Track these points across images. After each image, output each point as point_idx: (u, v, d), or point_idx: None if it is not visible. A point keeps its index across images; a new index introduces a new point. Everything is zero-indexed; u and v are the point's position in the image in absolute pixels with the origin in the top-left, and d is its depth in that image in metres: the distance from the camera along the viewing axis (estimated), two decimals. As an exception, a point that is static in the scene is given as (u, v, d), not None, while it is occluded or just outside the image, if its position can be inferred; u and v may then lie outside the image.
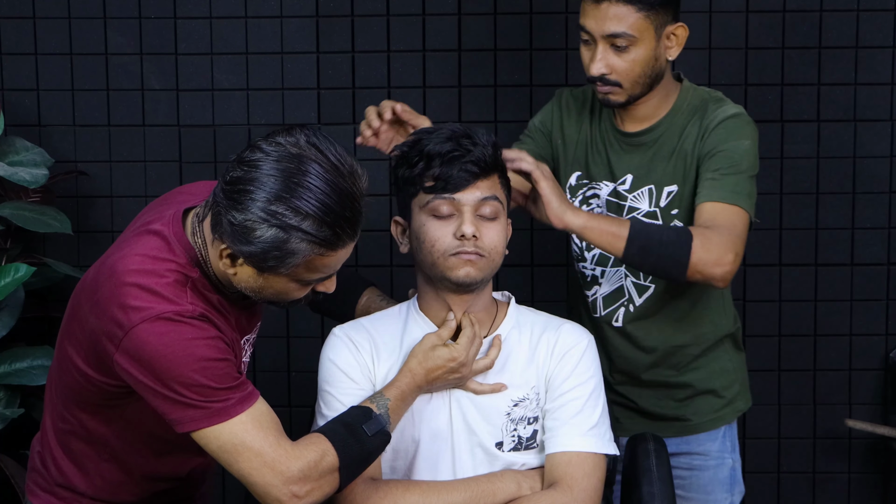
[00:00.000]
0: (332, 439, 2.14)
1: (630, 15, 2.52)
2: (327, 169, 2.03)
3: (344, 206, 2.03)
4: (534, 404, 2.32)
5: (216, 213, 2.08)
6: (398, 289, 3.45)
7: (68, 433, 2.27)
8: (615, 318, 2.74)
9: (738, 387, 2.80)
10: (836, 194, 3.49)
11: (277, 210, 2.00)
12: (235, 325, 2.22)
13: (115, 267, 2.12)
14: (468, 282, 2.27)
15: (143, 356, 2.06)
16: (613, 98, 2.60)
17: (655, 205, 2.65)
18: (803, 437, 3.57)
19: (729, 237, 2.47)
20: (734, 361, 2.79)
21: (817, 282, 3.52)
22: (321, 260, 2.07)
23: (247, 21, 3.47)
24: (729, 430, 2.79)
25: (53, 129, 3.51)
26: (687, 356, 2.74)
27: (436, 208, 2.27)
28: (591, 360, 2.35)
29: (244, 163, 2.05)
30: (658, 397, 2.77)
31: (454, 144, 2.26)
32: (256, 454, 2.08)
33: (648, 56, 2.56)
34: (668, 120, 2.66)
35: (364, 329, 2.37)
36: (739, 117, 2.60)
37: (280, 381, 3.56)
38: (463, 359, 2.27)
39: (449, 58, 3.48)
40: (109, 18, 3.47)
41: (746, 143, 2.57)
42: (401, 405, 2.25)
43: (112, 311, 2.08)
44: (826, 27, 3.44)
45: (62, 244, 3.51)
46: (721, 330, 2.76)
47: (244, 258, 2.07)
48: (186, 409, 2.08)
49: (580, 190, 2.73)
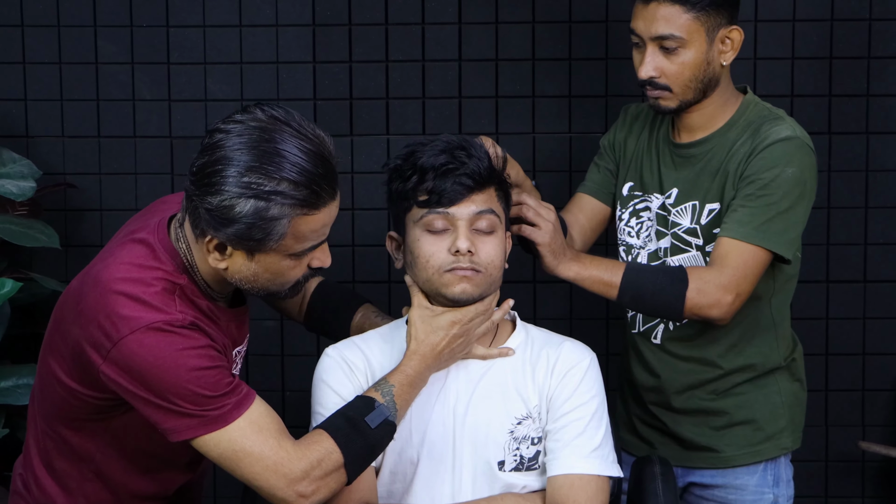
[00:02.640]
0: (335, 435, 2.14)
1: (679, 16, 2.51)
2: (293, 134, 2.07)
3: (317, 165, 2.07)
4: (536, 423, 2.31)
5: (192, 208, 2.10)
6: (395, 305, 3.34)
7: (52, 451, 2.26)
8: (654, 334, 2.72)
9: (786, 422, 2.73)
10: (848, 209, 3.48)
11: (251, 180, 2.03)
12: (226, 332, 2.23)
13: (101, 275, 2.12)
14: (464, 298, 2.26)
15: (133, 367, 2.06)
16: (664, 103, 2.59)
17: (696, 222, 2.64)
18: (815, 460, 3.53)
19: (732, 278, 2.48)
20: (785, 395, 2.73)
21: (828, 299, 3.50)
22: (306, 223, 2.08)
23: (241, 30, 3.48)
24: (772, 465, 2.73)
25: (42, 140, 3.52)
26: (728, 382, 2.70)
27: (430, 223, 2.27)
28: (594, 380, 2.34)
29: (206, 148, 2.07)
30: (694, 423, 2.73)
31: (448, 157, 2.26)
32: (258, 459, 2.09)
33: (699, 60, 2.55)
34: (721, 134, 2.64)
35: (358, 348, 2.36)
36: (790, 142, 2.55)
37: (274, 401, 3.35)
38: (466, 320, 2.26)
39: (449, 68, 3.48)
40: (100, 27, 3.48)
41: (789, 172, 2.53)
42: (408, 391, 2.23)
43: (99, 321, 2.08)
44: (837, 37, 3.44)
45: (50, 259, 3.51)
46: (771, 360, 2.71)
47: (230, 242, 2.08)
48: (181, 418, 2.08)
49: (631, 201, 2.75)
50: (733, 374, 2.69)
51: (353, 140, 3.46)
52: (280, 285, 2.18)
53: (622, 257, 2.76)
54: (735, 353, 2.68)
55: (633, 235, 2.74)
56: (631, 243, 2.75)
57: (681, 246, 2.66)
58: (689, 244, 2.65)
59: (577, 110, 3.46)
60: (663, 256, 2.68)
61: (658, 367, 2.72)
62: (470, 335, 2.29)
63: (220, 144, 2.06)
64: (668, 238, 2.67)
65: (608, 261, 2.55)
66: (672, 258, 2.67)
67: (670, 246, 2.67)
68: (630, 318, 2.77)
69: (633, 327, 2.76)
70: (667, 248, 2.68)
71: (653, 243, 2.70)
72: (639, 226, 2.73)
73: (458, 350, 2.29)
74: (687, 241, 2.65)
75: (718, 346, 2.67)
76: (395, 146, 3.43)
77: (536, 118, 3.45)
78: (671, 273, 2.51)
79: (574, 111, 3.46)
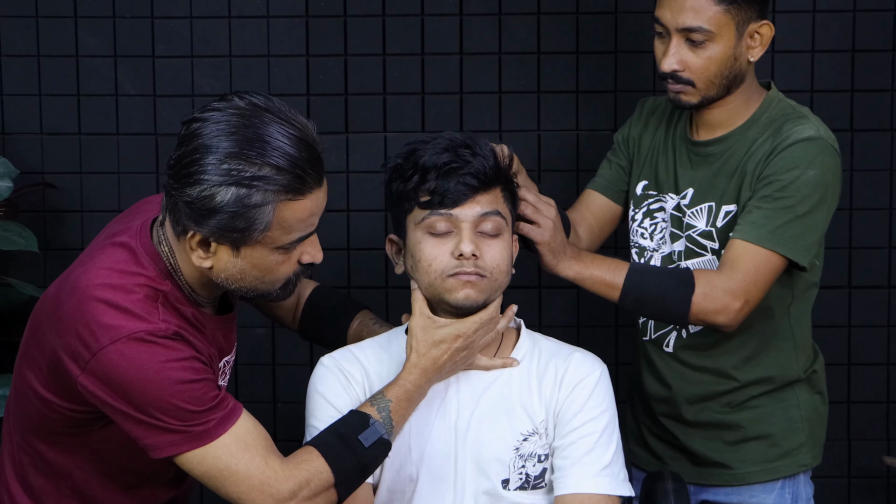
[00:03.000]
0: (326, 454, 2.14)
1: (709, 8, 2.48)
2: (274, 119, 2.06)
3: (300, 149, 2.06)
4: (543, 440, 2.30)
5: (172, 204, 2.08)
6: (393, 312, 3.35)
7: (27, 468, 2.25)
8: (666, 342, 2.69)
9: (805, 438, 2.69)
10: (871, 210, 3.44)
11: (231, 167, 2.02)
12: (212, 341, 2.23)
13: (79, 281, 2.11)
14: (468, 305, 2.25)
15: (113, 380, 2.06)
16: (685, 98, 2.56)
17: (712, 224, 2.61)
18: (837, 476, 3.50)
19: (741, 283, 2.46)
20: (805, 409, 2.69)
21: (851, 305, 3.46)
22: (292, 210, 2.07)
23: (230, 21, 3.44)
24: (791, 483, 2.69)
25: (19, 137, 3.49)
26: (743, 395, 2.67)
27: (432, 225, 2.26)
28: (605, 393, 2.32)
29: (183, 139, 2.06)
30: (706, 437, 2.69)
31: (451, 155, 2.24)
32: (243, 478, 2.09)
33: (726, 54, 2.51)
34: (742, 132, 2.61)
35: (355, 358, 2.34)
36: (812, 142, 2.52)
37: (265, 413, 3.49)
38: (469, 332, 2.25)
39: (449, 62, 3.45)
40: (80, 17, 3.45)
41: (810, 174, 2.50)
42: (405, 406, 2.23)
43: (77, 329, 2.07)
44: (860, 29, 3.41)
45: (28, 263, 3.48)
46: (790, 373, 2.68)
47: (213, 236, 2.07)
48: (164, 434, 2.08)
49: (644, 201, 2.73)
50: (749, 386, 2.65)
51: (348, 138, 3.43)
52: (270, 284, 2.15)
53: (634, 260, 2.74)
54: (751, 364, 2.65)
55: (647, 237, 2.72)
56: (644, 245, 2.72)
57: (695, 250, 2.63)
58: (703, 248, 2.62)
59: (585, 107, 3.42)
60: (678, 260, 2.66)
61: (669, 377, 2.70)
62: (474, 347, 2.28)
63: (197, 133, 2.04)
64: (682, 241, 2.65)
65: (611, 260, 2.52)
66: (686, 262, 2.64)
67: (685, 249, 2.64)
68: (641, 324, 2.75)
69: (645, 334, 2.73)
70: (681, 251, 2.65)
71: (667, 246, 2.68)
72: (652, 227, 2.71)
73: (461, 363, 2.28)
74: (702, 245, 2.62)
75: (734, 357, 2.64)
76: (392, 144, 3.41)
77: (542, 115, 3.42)
78: (677, 276, 2.49)
79: (581, 107, 3.43)
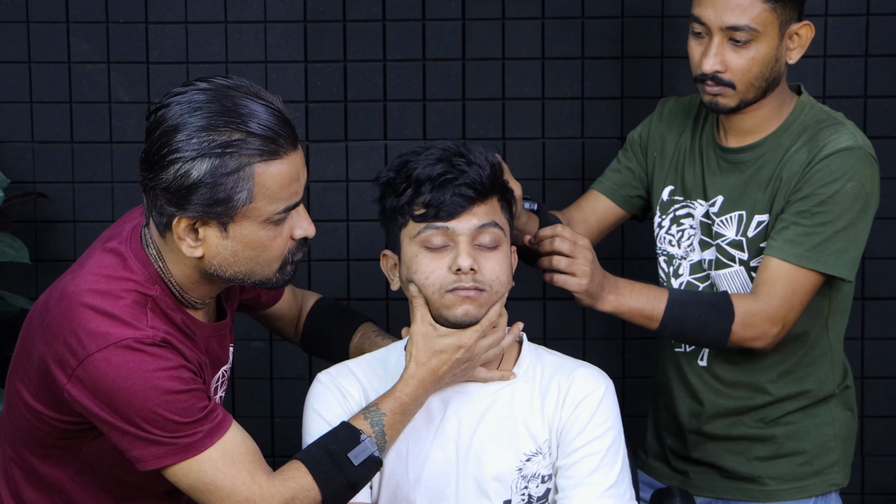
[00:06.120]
0: (313, 470, 2.14)
1: (754, 5, 2.45)
2: (239, 94, 2.07)
3: (269, 113, 2.07)
4: (546, 459, 2.27)
5: (152, 199, 2.09)
6: (394, 324, 3.26)
7: (20, 481, 2.24)
8: (701, 355, 2.65)
9: (838, 456, 2.64)
10: (885, 219, 3.37)
11: (202, 140, 2.03)
12: (205, 349, 2.21)
13: (67, 288, 2.10)
14: (467, 321, 2.22)
15: (100, 388, 2.05)
16: (723, 102, 2.52)
17: (742, 234, 2.58)
18: (850, 493, 3.32)
19: (780, 308, 2.47)
20: (838, 426, 2.66)
21: (864, 317, 3.42)
22: (271, 175, 2.06)
23: (227, 26, 3.42)
24: (822, 502, 2.65)
25: (9, 145, 3.47)
26: (779, 410, 2.64)
27: (427, 239, 2.23)
28: (609, 410, 2.28)
29: (150, 130, 2.07)
30: (735, 451, 2.66)
31: (446, 166, 2.22)
32: (228, 494, 2.09)
33: (769, 55, 2.49)
34: (774, 139, 2.58)
35: (352, 374, 2.32)
36: (850, 152, 2.49)
37: (262, 428, 3.48)
38: (472, 344, 2.23)
39: (451, 68, 3.43)
40: (73, 23, 3.43)
41: (849, 187, 2.47)
42: (400, 419, 2.21)
43: (64, 336, 2.07)
44: (873, 34, 3.38)
45: (18, 274, 3.45)
46: (826, 387, 2.65)
47: (198, 217, 2.06)
48: (150, 446, 2.07)
49: (671, 207, 2.69)
50: (784, 401, 2.63)
51: (347, 146, 3.42)
52: (265, 264, 2.12)
53: (662, 268, 2.71)
54: (788, 379, 2.62)
55: (675, 244, 2.68)
56: (672, 253, 2.69)
57: (724, 260, 2.60)
58: (732, 258, 2.58)
59: (591, 113, 3.41)
60: (707, 269, 2.62)
61: (701, 390, 2.66)
62: (475, 360, 2.25)
63: (162, 119, 2.06)
64: (712, 250, 2.62)
65: (649, 289, 2.51)
66: (715, 272, 2.61)
67: (715, 259, 2.62)
68: None
69: (679, 345, 2.70)
70: (711, 260, 2.62)
71: (695, 253, 2.64)
72: (680, 234, 2.67)
73: (461, 375, 2.25)
74: (730, 255, 2.59)
75: (770, 372, 2.62)
76: (392, 152, 3.39)
77: (546, 122, 3.40)
78: (716, 305, 2.49)
79: (587, 114, 3.41)
